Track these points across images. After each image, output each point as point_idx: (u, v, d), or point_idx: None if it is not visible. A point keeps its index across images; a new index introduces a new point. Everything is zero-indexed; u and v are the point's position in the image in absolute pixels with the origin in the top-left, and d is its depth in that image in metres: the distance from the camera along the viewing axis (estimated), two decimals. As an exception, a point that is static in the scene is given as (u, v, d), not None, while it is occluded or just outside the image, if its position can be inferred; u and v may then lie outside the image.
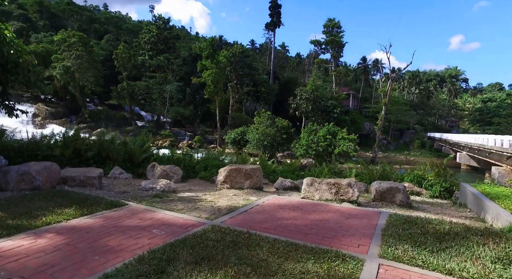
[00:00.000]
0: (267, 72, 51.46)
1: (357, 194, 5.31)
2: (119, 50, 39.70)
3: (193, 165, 9.73)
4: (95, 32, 56.31)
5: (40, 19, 56.54)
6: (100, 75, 40.50)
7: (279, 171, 10.03)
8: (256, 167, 6.93)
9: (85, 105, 41.25)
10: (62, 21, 57.41)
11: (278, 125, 29.34)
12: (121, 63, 40.12)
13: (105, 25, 60.02)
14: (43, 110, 37.82)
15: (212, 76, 36.01)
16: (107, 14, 68.74)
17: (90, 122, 39.96)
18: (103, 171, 8.46)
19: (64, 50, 37.23)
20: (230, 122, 42.46)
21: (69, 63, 36.05)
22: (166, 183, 6.27)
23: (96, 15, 64.82)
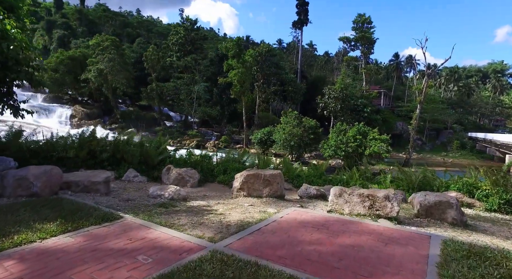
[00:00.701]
0: (294, 71, 50.21)
1: (396, 209, 4.30)
2: (148, 52, 40.37)
3: (211, 168, 9.06)
4: (127, 36, 57.99)
5: (79, 26, 59.14)
6: (131, 77, 41.42)
7: (304, 175, 9.10)
8: (276, 173, 6.08)
9: (117, 106, 42.40)
10: (98, 27, 59.67)
11: (306, 125, 28.21)
12: (150, 65, 40.77)
13: (137, 29, 61.68)
14: (79, 111, 39.27)
15: (238, 75, 35.51)
16: (138, 19, 70.79)
17: (122, 122, 40.95)
18: (115, 174, 8.07)
19: (98, 54, 38.42)
20: (257, 122, 41.79)
21: (102, 66, 37.12)
22: (175, 190, 5.60)
23: (129, 19, 66.87)
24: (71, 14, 61.22)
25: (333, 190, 4.98)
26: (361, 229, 3.81)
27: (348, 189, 4.82)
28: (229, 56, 37.05)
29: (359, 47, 44.05)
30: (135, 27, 61.99)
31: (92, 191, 5.45)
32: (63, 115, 38.05)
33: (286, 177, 9.01)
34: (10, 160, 6.27)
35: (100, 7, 62.55)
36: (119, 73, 38.56)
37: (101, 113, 41.93)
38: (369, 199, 4.47)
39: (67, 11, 62.32)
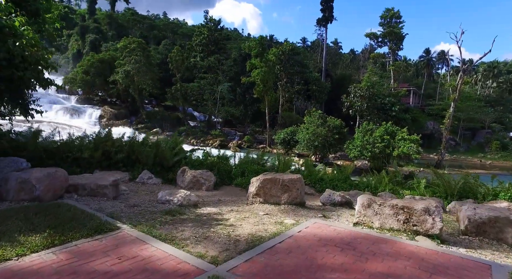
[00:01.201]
0: (319, 70, 48.92)
1: (439, 225, 3.55)
2: (173, 53, 40.79)
3: (228, 170, 8.56)
4: (154, 38, 59.19)
5: (109, 30, 61.17)
6: (156, 77, 42.06)
7: (328, 179, 8.38)
8: (295, 177, 5.46)
9: (143, 106, 43.24)
10: (127, 30, 61.39)
11: (330, 124, 27.14)
12: (175, 66, 41.18)
13: (163, 31, 62.84)
14: (108, 112, 40.41)
15: (261, 75, 34.97)
16: (165, 21, 72.12)
17: (147, 122, 41.67)
18: (129, 175, 7.77)
19: (125, 56, 39.31)
20: (280, 121, 41.07)
21: (129, 67, 37.93)
22: (185, 195, 5.12)
23: (155, 22, 68.31)
24: (102, 19, 63.48)
25: (360, 199, 4.29)
26: (396, 251, 3.12)
27: (378, 198, 4.11)
28: (252, 55, 36.61)
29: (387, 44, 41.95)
30: (161, 30, 63.19)
31: (99, 195, 5.10)
32: (93, 115, 39.29)
33: (307, 180, 8.35)
34: (22, 161, 6.09)
35: (129, 11, 64.35)
36: (145, 74, 39.24)
37: (128, 114, 42.93)
38: (404, 211, 3.75)
39: (99, 17, 64.68)
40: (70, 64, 54.06)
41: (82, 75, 41.28)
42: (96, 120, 38.91)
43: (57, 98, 42.24)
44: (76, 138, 8.02)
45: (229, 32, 61.76)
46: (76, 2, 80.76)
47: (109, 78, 40.35)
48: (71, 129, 30.41)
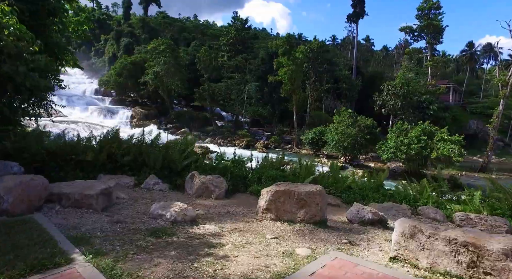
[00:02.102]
0: (349, 68, 46.66)
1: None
2: (200, 53, 40.73)
3: (243, 175, 7.62)
4: (184, 40, 59.87)
5: (142, 34, 62.82)
6: (185, 78, 42.22)
7: (357, 187, 7.17)
8: (315, 190, 4.39)
9: (172, 107, 43.65)
10: (158, 33, 62.72)
11: (361, 124, 25.38)
12: (202, 66, 41.09)
13: (193, 33, 63.42)
14: (138, 112, 41.18)
15: (289, 73, 33.78)
16: (194, 23, 72.99)
17: (176, 122, 41.97)
18: (134, 180, 7.08)
19: (155, 57, 39.83)
20: (309, 121, 39.58)
21: (158, 68, 38.35)
22: (180, 210, 4.24)
23: (185, 24, 69.25)
24: (135, 23, 65.36)
25: (399, 226, 3.14)
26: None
27: (425, 227, 2.94)
28: (279, 53, 35.55)
29: (424, 38, 38.72)
30: (191, 31, 63.83)
31: (84, 206, 4.37)
32: (124, 116, 40.19)
33: (333, 188, 7.20)
34: (14, 164, 5.57)
35: (160, 14, 65.76)
36: (174, 75, 39.48)
37: (157, 114, 43.51)
38: (468, 250, 2.58)
39: (133, 21, 66.67)
40: (106, 67, 56.10)
41: (115, 77, 42.47)
42: (127, 120, 39.76)
43: (93, 99, 43.85)
44: (81, 139, 7.49)
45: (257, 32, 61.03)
46: (113, 9, 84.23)
47: (139, 80, 41.13)
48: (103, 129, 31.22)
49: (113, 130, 7.68)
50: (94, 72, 57.69)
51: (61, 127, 28.36)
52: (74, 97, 41.61)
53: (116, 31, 60.49)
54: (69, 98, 40.82)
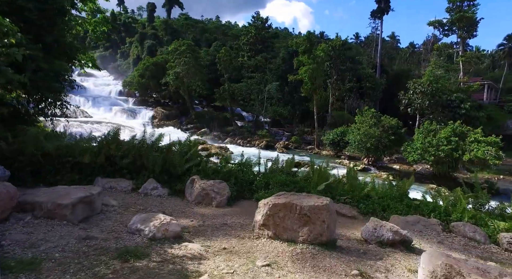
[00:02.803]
0: (373, 66, 44.69)
1: None
2: (221, 54, 40.53)
3: (249, 180, 6.95)
4: (206, 41, 60.09)
5: (165, 35, 63.79)
6: (205, 78, 42.21)
7: (376, 196, 6.29)
8: (321, 204, 3.63)
9: (193, 107, 43.78)
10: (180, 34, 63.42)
11: (385, 124, 23.94)
12: (223, 66, 40.88)
13: (214, 34, 63.56)
14: (160, 113, 41.61)
15: (309, 72, 32.73)
16: (216, 24, 73.18)
17: (197, 122, 42.02)
18: (132, 184, 6.60)
19: (176, 58, 40.07)
20: (330, 121, 38.27)
21: (178, 69, 38.53)
22: (161, 224, 3.62)
23: (207, 25, 69.57)
24: (159, 26, 66.45)
25: (429, 263, 2.32)
26: None
27: (468, 267, 2.12)
28: (299, 52, 34.56)
29: (456, 32, 36.04)
30: (212, 32, 63.97)
31: (57, 217, 3.86)
32: (146, 116, 40.75)
33: (349, 197, 6.36)
34: (0, 167, 5.22)
35: (183, 16, 66.47)
36: (194, 75, 39.52)
37: (178, 114, 43.81)
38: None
39: (156, 24, 67.89)
40: (130, 68, 57.41)
41: (138, 78, 43.19)
42: (149, 120, 40.26)
43: (117, 100, 44.86)
44: (79, 140, 7.12)
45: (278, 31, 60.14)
46: (138, 12, 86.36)
47: (161, 80, 41.55)
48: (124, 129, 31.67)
49: (113, 131, 7.25)
50: (120, 74, 59.24)
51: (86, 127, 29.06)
52: (100, 98, 42.75)
53: (140, 33, 61.80)
54: (95, 99, 42.04)
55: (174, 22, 66.36)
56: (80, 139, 7.32)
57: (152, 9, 67.60)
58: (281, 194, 4.07)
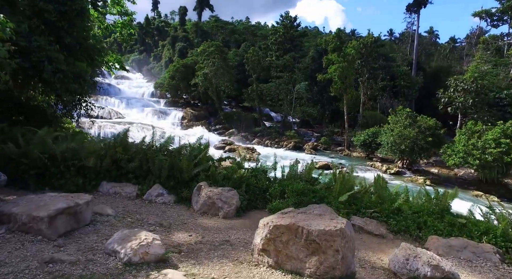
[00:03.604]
0: (408, 63, 41.90)
1: None
2: (249, 54, 40.15)
3: (263, 187, 6.23)
4: (235, 42, 60.15)
5: (195, 38, 64.83)
6: (233, 79, 42.10)
7: (410, 210, 5.29)
8: (334, 229, 2.83)
9: (221, 108, 43.83)
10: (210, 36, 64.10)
11: (421, 125, 22.02)
12: (251, 67, 40.47)
13: (243, 35, 63.48)
14: (189, 113, 42.08)
15: (339, 71, 31.28)
16: (245, 24, 73.10)
17: (225, 123, 41.99)
18: (137, 190, 6.15)
19: (204, 60, 40.32)
20: (361, 121, 36.41)
21: (207, 70, 38.71)
22: (139, 245, 3.02)
23: (236, 26, 69.68)
24: (189, 28, 67.72)
25: None
26: None
27: None
28: (329, 50, 33.18)
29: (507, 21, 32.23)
30: (241, 33, 63.90)
31: (31, 232, 3.42)
32: (176, 117, 41.38)
33: (376, 210, 5.42)
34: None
35: (213, 18, 67.13)
36: (222, 76, 39.50)
37: (207, 115, 44.08)
38: None
39: (187, 26, 69.25)
40: (162, 71, 58.92)
41: (169, 79, 44.07)
42: (178, 121, 40.85)
43: (149, 101, 46.10)
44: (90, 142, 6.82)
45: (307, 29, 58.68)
46: (171, 17, 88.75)
47: (191, 82, 42.03)
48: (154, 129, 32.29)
49: (122, 132, 6.87)
50: (153, 76, 61.07)
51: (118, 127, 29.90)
52: (133, 100, 44.16)
53: (172, 36, 63.27)
54: (129, 100, 43.49)
55: (204, 25, 67.26)
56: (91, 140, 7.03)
57: (183, 12, 69.01)
58: (286, 212, 3.31)
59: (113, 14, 17.24)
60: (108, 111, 37.04)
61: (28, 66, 8.04)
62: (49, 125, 10.60)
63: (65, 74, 8.86)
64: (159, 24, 71.93)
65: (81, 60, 10.57)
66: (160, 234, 4.20)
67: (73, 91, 9.40)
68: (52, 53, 8.47)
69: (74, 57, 10.47)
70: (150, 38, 69.96)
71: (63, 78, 8.75)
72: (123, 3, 17.25)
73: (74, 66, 9.66)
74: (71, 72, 9.24)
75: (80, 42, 10.36)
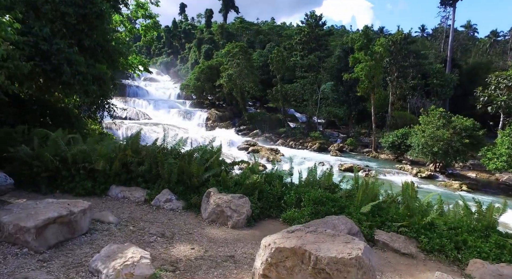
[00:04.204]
0: (442, 60, 39.36)
1: None
2: (273, 54, 39.70)
3: (278, 194, 5.73)
4: (260, 42, 59.87)
5: (221, 39, 65.38)
6: (257, 80, 41.80)
7: (446, 225, 4.55)
8: (347, 257, 2.28)
9: (245, 108, 43.67)
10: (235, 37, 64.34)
11: (457, 125, 20.41)
12: (275, 67, 39.96)
13: (268, 35, 63.06)
14: (214, 114, 42.29)
15: (366, 70, 29.95)
16: (270, 25, 72.64)
17: (249, 124, 41.78)
18: (145, 195, 5.88)
19: (228, 60, 40.38)
20: (390, 122, 34.69)
21: (231, 71, 38.70)
22: (124, 265, 2.65)
23: (261, 27, 69.41)
24: (215, 30, 68.41)
25: None
26: None
27: None
28: (355, 48, 31.90)
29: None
30: (266, 34, 63.50)
31: (18, 243, 3.17)
32: (201, 117, 41.76)
33: (405, 224, 4.74)
34: (2, 175, 4.87)
35: (238, 19, 67.35)
36: (246, 77, 39.31)
37: (232, 115, 44.08)
38: None
39: (213, 28, 70.03)
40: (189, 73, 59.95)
41: (194, 81, 44.60)
42: (203, 122, 41.18)
43: (175, 103, 46.96)
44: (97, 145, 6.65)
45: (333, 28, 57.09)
46: (198, 19, 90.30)
47: (215, 83, 42.25)
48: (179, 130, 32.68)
49: (133, 134, 6.66)
50: (179, 78, 62.29)
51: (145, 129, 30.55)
52: (160, 101, 45.15)
53: (198, 39, 64.16)
54: (156, 102, 44.53)
55: (229, 26, 67.63)
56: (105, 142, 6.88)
57: (209, 15, 69.86)
58: (294, 230, 2.81)
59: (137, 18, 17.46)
60: (136, 112, 38.10)
61: (49, 69, 8.08)
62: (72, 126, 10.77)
63: (84, 76, 8.87)
64: (186, 27, 73.34)
65: (102, 62, 10.65)
66: (160, 247, 3.85)
67: (92, 93, 9.42)
68: (72, 55, 8.48)
69: (95, 59, 10.55)
70: (177, 41, 71.47)
71: (82, 80, 8.76)
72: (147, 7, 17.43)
73: (94, 68, 9.70)
74: (90, 74, 9.27)
75: (102, 44, 10.42)
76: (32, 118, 9.48)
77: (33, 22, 8.11)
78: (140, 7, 16.99)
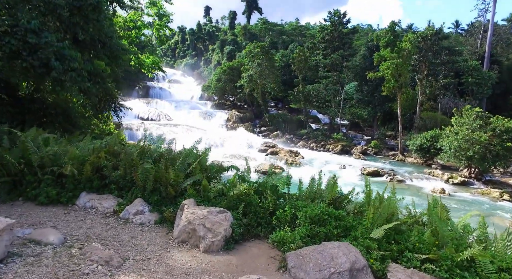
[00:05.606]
0: (478, 56, 35.99)
1: None
2: (295, 54, 38.36)
3: (270, 208, 4.61)
4: (283, 43, 58.59)
5: (244, 40, 64.83)
6: (279, 80, 40.67)
7: (491, 265, 3.20)
8: None
9: (266, 109, 42.62)
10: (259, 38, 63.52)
11: (496, 127, 18.08)
12: (297, 67, 38.61)
13: (291, 36, 61.61)
14: (234, 115, 41.61)
15: (392, 67, 27.84)
16: (293, 25, 71.00)
17: (270, 125, 40.72)
18: (115, 206, 4.98)
19: (249, 61, 39.55)
20: (418, 123, 32.16)
21: (252, 71, 37.87)
22: None
23: (284, 28, 68.04)
24: (238, 31, 68.03)
25: None
26: None
27: None
28: (381, 46, 29.82)
29: None
30: (290, 34, 62.07)
31: None
32: (221, 118, 41.24)
33: (432, 259, 3.45)
34: None
35: (261, 20, 66.44)
36: (268, 77, 38.29)
37: (252, 116, 43.19)
38: None
39: (236, 30, 69.71)
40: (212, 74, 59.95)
41: (215, 82, 44.24)
42: (224, 123, 40.62)
43: (197, 104, 46.87)
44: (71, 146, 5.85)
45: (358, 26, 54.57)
46: (222, 21, 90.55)
47: (236, 84, 41.60)
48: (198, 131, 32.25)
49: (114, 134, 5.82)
50: (202, 79, 62.44)
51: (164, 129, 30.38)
52: (182, 102, 45.25)
53: (221, 40, 64.04)
54: (178, 103, 44.66)
55: (252, 27, 66.95)
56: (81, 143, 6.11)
57: (233, 17, 69.63)
58: None
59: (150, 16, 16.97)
60: (158, 113, 38.25)
61: (37, 65, 7.48)
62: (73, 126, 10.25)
63: (78, 72, 8.23)
64: (210, 29, 73.62)
65: (101, 59, 10.06)
66: (94, 281, 2.89)
67: (88, 91, 8.79)
68: (65, 50, 7.85)
69: (94, 55, 9.97)
70: (202, 43, 71.89)
71: (76, 77, 8.11)
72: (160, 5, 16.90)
73: (90, 64, 9.09)
74: (85, 71, 8.64)
75: (102, 40, 9.82)
76: (30, 118, 9.00)
77: (22, 15, 7.56)
78: (153, 5, 16.45)
